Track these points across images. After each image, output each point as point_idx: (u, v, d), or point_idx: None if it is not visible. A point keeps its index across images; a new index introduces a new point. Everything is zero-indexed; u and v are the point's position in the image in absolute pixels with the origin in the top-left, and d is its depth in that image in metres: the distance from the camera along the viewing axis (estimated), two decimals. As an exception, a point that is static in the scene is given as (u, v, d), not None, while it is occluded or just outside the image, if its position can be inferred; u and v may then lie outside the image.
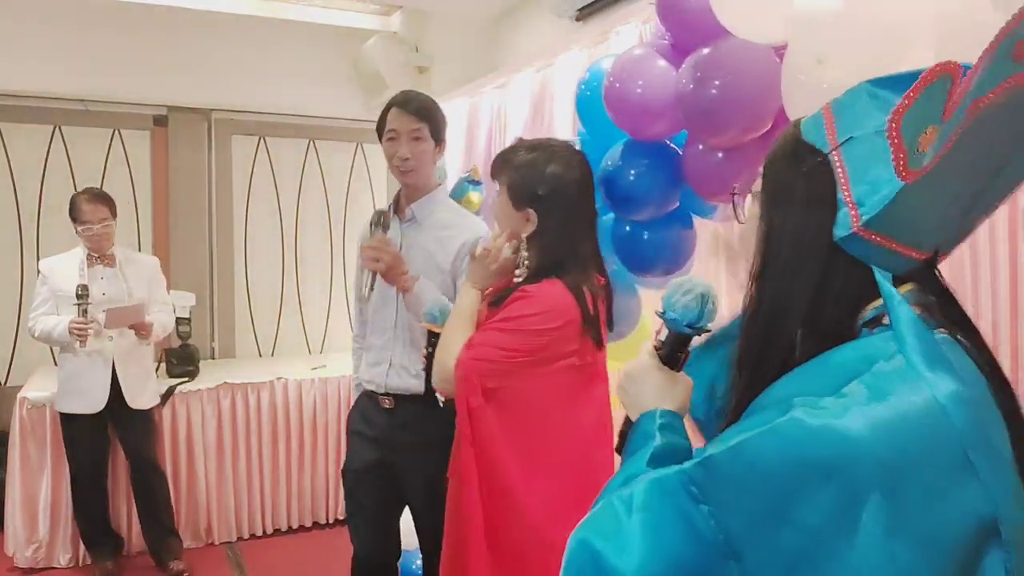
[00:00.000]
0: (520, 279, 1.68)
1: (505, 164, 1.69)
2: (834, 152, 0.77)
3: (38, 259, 4.22)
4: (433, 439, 2.17)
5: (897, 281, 0.77)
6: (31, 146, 4.48)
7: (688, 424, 0.96)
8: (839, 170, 0.76)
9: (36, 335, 3.33)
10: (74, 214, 3.32)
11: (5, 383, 4.44)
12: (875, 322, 0.78)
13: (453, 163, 4.22)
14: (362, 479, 2.30)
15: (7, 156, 4.45)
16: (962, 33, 1.27)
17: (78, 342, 3.17)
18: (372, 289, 2.13)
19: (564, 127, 3.57)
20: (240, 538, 3.94)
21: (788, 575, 0.67)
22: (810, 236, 0.78)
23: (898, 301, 0.74)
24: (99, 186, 4.02)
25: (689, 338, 0.98)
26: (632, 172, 2.04)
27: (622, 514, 0.74)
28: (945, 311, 0.79)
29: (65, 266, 3.36)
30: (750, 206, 0.90)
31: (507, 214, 1.68)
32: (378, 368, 2.25)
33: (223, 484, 3.89)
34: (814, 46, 1.48)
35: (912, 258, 0.77)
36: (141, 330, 3.35)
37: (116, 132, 4.65)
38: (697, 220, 2.26)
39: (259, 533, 3.97)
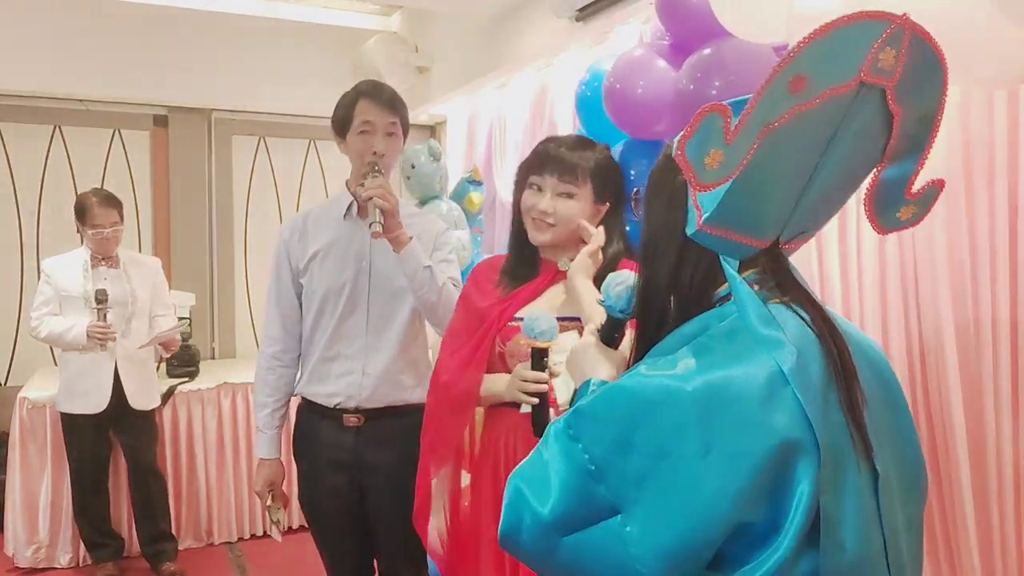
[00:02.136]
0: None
1: (582, 160, 1.66)
2: None
3: (38, 259, 4.23)
4: (407, 456, 1.99)
5: (745, 265, 0.96)
6: (31, 146, 4.48)
7: None
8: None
9: (42, 337, 3.31)
10: (84, 216, 3.29)
11: (5, 383, 4.44)
12: (726, 298, 0.97)
13: (453, 163, 4.23)
14: (330, 509, 2.11)
15: (7, 156, 4.45)
16: (962, 33, 1.28)
17: (99, 346, 3.20)
18: (383, 227, 1.87)
19: (564, 127, 3.57)
20: (240, 538, 3.94)
21: (637, 490, 0.85)
22: (668, 230, 0.99)
23: (738, 280, 0.93)
24: (99, 186, 4.02)
25: (623, 322, 1.15)
26: (632, 172, 2.04)
27: (543, 459, 0.93)
28: (784, 289, 0.97)
29: (68, 266, 3.35)
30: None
31: (588, 209, 1.68)
32: (347, 379, 2.05)
33: (223, 484, 3.89)
34: (814, 46, 1.48)
35: (752, 246, 0.95)
36: (171, 346, 3.48)
37: (116, 132, 4.65)
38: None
39: (259, 533, 3.97)
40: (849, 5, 1.43)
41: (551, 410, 1.55)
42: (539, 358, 1.54)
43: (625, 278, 1.14)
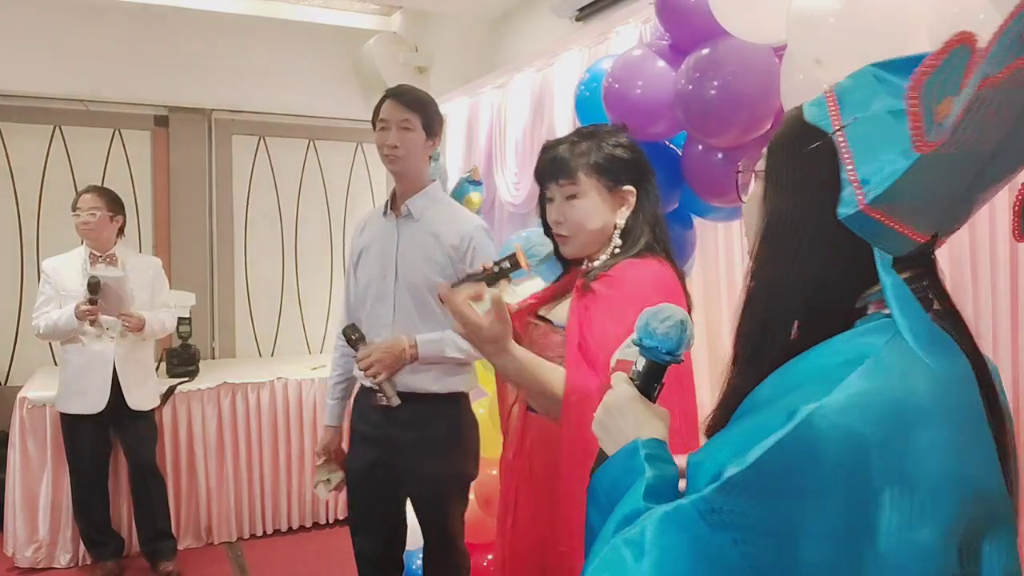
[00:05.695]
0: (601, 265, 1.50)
1: (578, 154, 1.52)
2: (838, 132, 0.76)
3: (38, 259, 4.23)
4: (434, 437, 2.20)
5: (894, 265, 0.76)
6: (31, 146, 4.49)
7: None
8: (843, 150, 0.75)
9: (41, 331, 3.31)
10: (73, 205, 3.36)
11: (5, 383, 4.44)
12: (861, 312, 0.78)
13: (453, 163, 4.23)
14: (363, 478, 2.29)
15: (7, 156, 4.45)
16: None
17: (88, 322, 3.20)
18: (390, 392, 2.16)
19: (564, 127, 3.56)
20: (240, 538, 3.94)
21: None
22: (811, 218, 0.77)
23: (898, 283, 0.73)
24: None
25: (665, 368, 0.93)
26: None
27: (630, 559, 0.70)
28: (940, 299, 0.79)
29: (68, 266, 3.37)
30: (752, 185, 0.89)
31: (600, 204, 1.51)
32: None
33: (223, 484, 3.89)
34: (813, 46, 1.48)
35: (912, 239, 0.75)
36: (127, 321, 3.25)
37: (116, 132, 4.65)
38: (697, 220, 2.26)
39: (259, 533, 3.97)
40: (847, 6, 1.43)
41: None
42: (495, 276, 1.39)
43: (671, 312, 0.93)
